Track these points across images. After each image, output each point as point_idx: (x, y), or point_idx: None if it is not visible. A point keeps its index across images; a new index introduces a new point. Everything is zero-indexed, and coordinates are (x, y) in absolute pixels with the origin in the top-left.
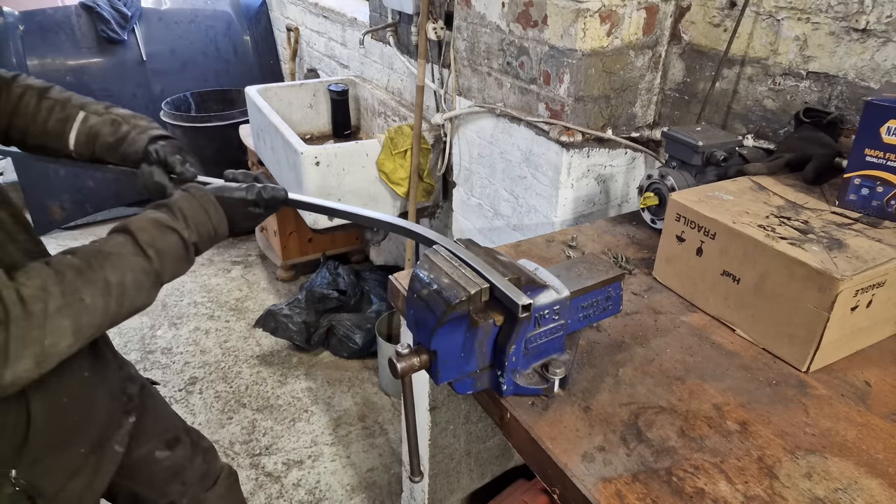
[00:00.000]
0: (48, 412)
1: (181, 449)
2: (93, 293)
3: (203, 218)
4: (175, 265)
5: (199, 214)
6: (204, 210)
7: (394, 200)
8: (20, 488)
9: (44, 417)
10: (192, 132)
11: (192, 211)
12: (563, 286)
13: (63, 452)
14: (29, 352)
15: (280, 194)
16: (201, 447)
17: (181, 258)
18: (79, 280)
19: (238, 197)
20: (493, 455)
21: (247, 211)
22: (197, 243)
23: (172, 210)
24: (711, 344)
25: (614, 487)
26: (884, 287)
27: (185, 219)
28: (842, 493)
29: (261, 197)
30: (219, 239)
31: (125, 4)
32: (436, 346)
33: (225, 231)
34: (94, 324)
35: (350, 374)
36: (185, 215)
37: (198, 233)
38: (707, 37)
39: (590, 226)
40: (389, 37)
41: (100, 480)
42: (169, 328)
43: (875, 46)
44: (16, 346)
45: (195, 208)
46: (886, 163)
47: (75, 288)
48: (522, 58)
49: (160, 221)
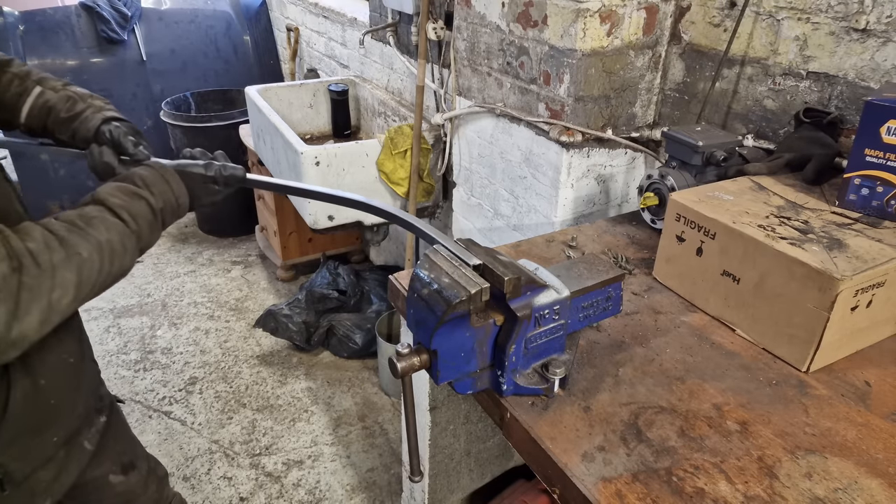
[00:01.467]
0: (28, 392)
1: (135, 475)
2: (88, 249)
3: (165, 187)
4: (149, 230)
5: (160, 183)
6: (165, 180)
7: (394, 200)
8: None
9: (23, 396)
10: (192, 132)
11: (153, 180)
12: (563, 286)
13: (37, 437)
14: (37, 305)
15: (238, 173)
16: (156, 475)
17: (152, 224)
18: (72, 236)
19: (197, 172)
20: (493, 455)
21: (206, 186)
22: (163, 210)
23: (134, 180)
24: (711, 344)
25: (614, 487)
26: (884, 287)
27: (147, 187)
28: (842, 493)
29: (220, 174)
30: (181, 211)
31: (125, 4)
32: (436, 346)
33: (186, 203)
34: (90, 280)
35: (350, 374)
36: (147, 183)
37: (163, 200)
38: (707, 37)
39: (590, 226)
40: (389, 37)
41: (66, 475)
42: (169, 328)
43: (875, 46)
44: (27, 297)
45: (157, 178)
46: (886, 163)
47: (73, 243)
48: (522, 58)
49: (126, 189)
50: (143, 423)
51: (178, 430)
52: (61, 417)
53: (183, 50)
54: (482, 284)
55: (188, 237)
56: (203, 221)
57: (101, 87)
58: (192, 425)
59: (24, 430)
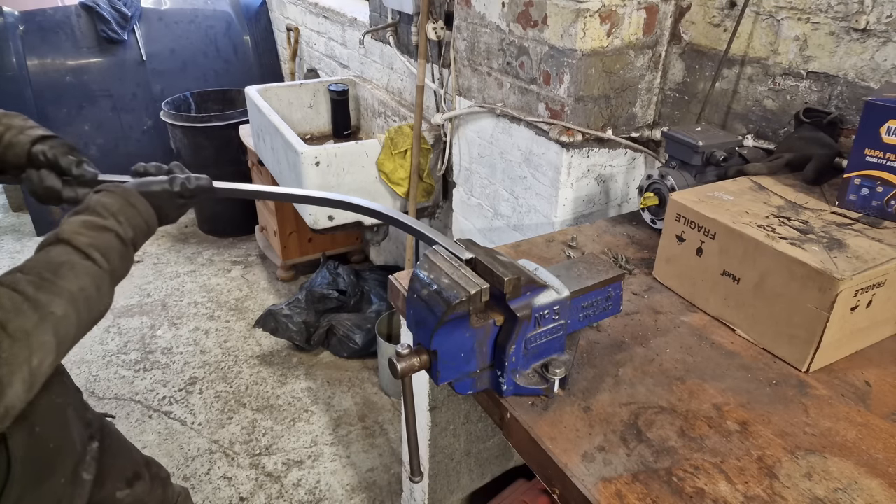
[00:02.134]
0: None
1: (141, 485)
2: (62, 305)
3: (132, 212)
4: (121, 263)
5: (126, 209)
6: (130, 205)
7: (394, 200)
8: None
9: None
10: (192, 132)
11: (118, 207)
12: (563, 286)
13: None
14: (19, 376)
15: (205, 183)
16: (160, 478)
17: (123, 255)
18: (41, 294)
19: (162, 189)
20: (493, 455)
21: (173, 202)
22: (133, 238)
23: (97, 210)
24: (711, 344)
25: (614, 487)
26: (884, 287)
27: (113, 216)
28: (842, 493)
29: (185, 188)
30: (151, 232)
31: (125, 4)
32: (436, 346)
33: (155, 224)
34: (69, 336)
35: (350, 374)
36: (113, 212)
37: (132, 227)
38: (707, 37)
39: (590, 226)
40: (389, 37)
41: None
42: (169, 328)
43: (875, 46)
44: (7, 371)
45: (121, 204)
46: (886, 163)
47: (44, 302)
48: (522, 58)
49: (91, 223)
50: (143, 423)
51: (178, 430)
52: (63, 457)
53: (183, 50)
54: (482, 285)
55: (188, 237)
56: (203, 221)
57: (101, 88)
58: (192, 425)
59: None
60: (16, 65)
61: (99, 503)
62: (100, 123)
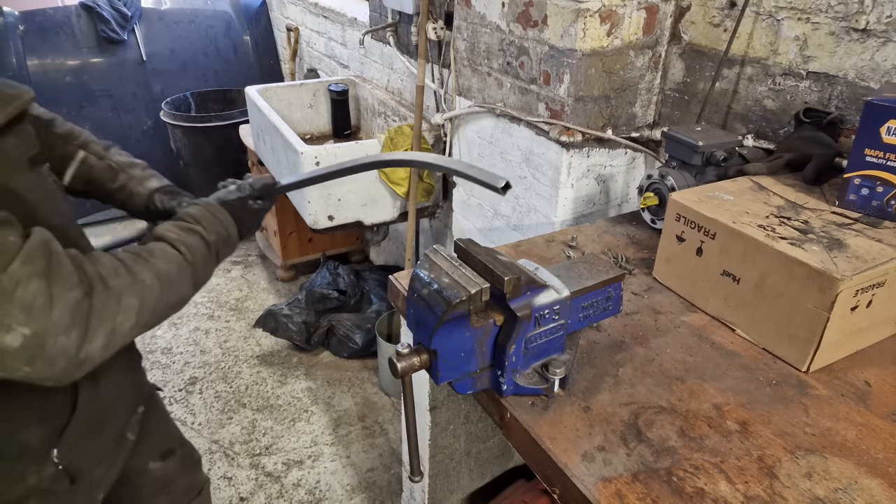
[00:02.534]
0: (91, 396)
1: (173, 461)
2: (150, 276)
3: (213, 220)
4: (203, 263)
5: (208, 217)
6: (212, 214)
7: (394, 200)
8: (62, 467)
9: (87, 401)
10: (192, 132)
11: (201, 215)
12: (564, 286)
13: (97, 435)
14: (103, 329)
15: (267, 181)
16: (192, 460)
17: (206, 258)
18: (137, 265)
19: (235, 196)
20: (493, 455)
21: (247, 207)
22: (216, 243)
23: (184, 218)
24: (711, 344)
25: (614, 487)
26: (884, 287)
27: (198, 222)
28: (842, 493)
29: (252, 189)
30: (232, 240)
31: (125, 4)
32: (436, 346)
33: (235, 231)
34: (150, 307)
35: (350, 374)
36: (197, 219)
37: (214, 233)
38: (707, 37)
39: (590, 226)
40: (389, 37)
41: (115, 468)
42: (169, 328)
43: (875, 46)
44: (96, 321)
45: (204, 213)
46: (886, 163)
47: (137, 270)
48: (522, 58)
49: (180, 226)
50: None
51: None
52: (116, 415)
53: (183, 50)
54: (482, 284)
55: None
56: None
57: (101, 88)
58: (192, 425)
59: (86, 429)
60: (16, 65)
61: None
62: (100, 123)
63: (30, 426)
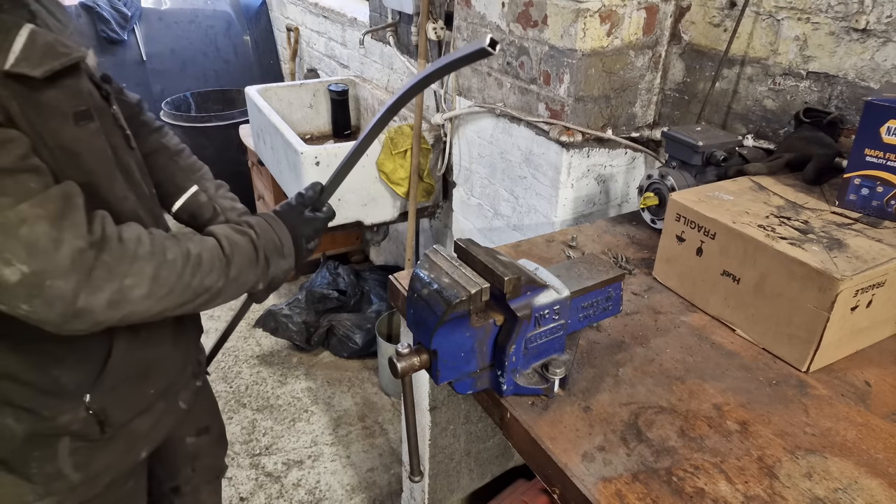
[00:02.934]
0: (130, 342)
1: (207, 437)
2: (175, 253)
3: (266, 227)
4: (246, 262)
5: (262, 224)
6: (267, 223)
7: (394, 200)
8: (93, 412)
9: (125, 348)
10: (192, 132)
11: (256, 222)
12: (564, 286)
13: (136, 386)
14: (109, 285)
15: (316, 186)
16: (222, 442)
17: (251, 258)
18: (166, 241)
19: (288, 207)
20: (493, 455)
21: (303, 217)
22: (265, 248)
23: (240, 223)
24: (711, 344)
25: (614, 487)
26: (884, 287)
27: (251, 227)
28: (842, 493)
29: (305, 195)
30: (285, 250)
31: (125, 4)
32: (436, 346)
33: (289, 241)
34: (167, 282)
35: (350, 374)
36: (251, 224)
37: (265, 239)
38: (707, 37)
39: (590, 226)
40: (389, 37)
41: (162, 428)
42: None
43: (875, 46)
44: (101, 274)
45: (258, 220)
46: (886, 163)
47: (163, 245)
48: (522, 58)
49: (233, 227)
50: None
51: None
52: (159, 370)
53: (183, 50)
54: (482, 284)
55: None
56: None
57: None
58: None
59: (123, 378)
60: None
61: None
62: None
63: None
